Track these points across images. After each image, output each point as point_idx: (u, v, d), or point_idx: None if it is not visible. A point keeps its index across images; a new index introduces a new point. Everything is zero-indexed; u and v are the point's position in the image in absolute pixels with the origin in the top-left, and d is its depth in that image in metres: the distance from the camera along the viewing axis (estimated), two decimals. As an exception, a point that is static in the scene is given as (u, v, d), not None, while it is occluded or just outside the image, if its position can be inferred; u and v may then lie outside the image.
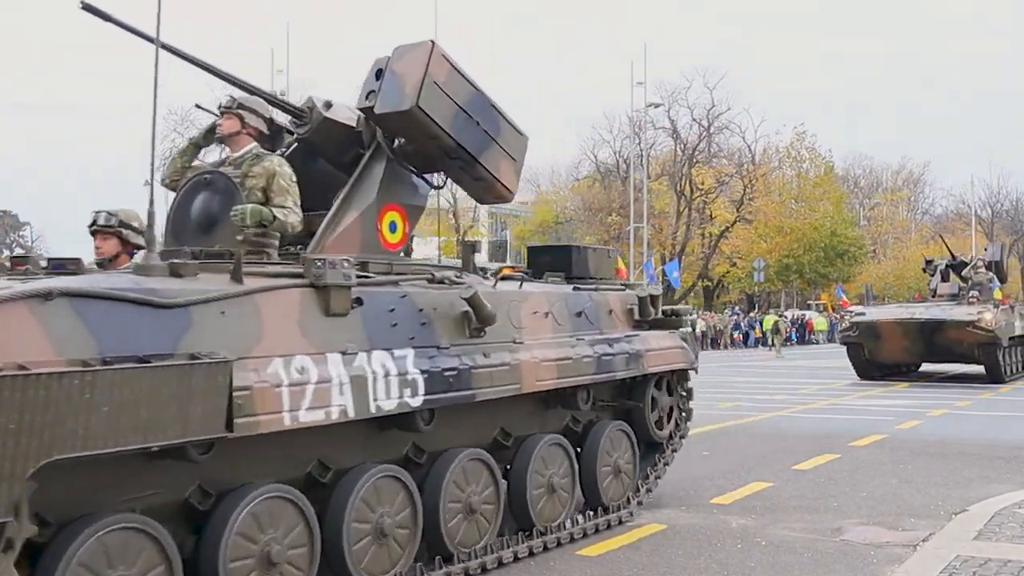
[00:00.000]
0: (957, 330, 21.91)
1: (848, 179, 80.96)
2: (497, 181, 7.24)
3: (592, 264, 8.52)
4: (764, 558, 6.82)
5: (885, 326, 22.96)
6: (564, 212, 72.42)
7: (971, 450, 11.89)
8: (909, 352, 23.37)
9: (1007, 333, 22.76)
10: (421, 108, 6.46)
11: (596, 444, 7.76)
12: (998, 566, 6.24)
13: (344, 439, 5.62)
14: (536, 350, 6.73)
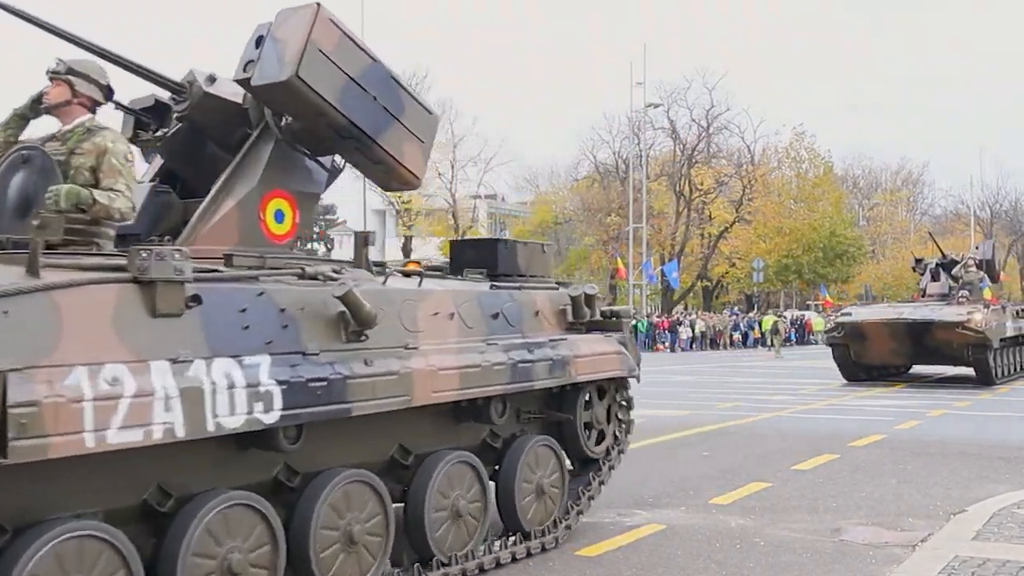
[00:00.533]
0: (946, 331, 21.21)
1: (847, 179, 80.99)
2: (400, 165, 6.47)
3: (522, 259, 7.72)
4: (763, 558, 6.83)
5: (871, 327, 22.21)
6: (563, 212, 72.46)
7: (970, 450, 11.90)
8: (897, 354, 22.68)
9: (998, 334, 22.05)
10: (301, 78, 5.69)
11: (515, 462, 6.90)
12: (996, 566, 6.24)
13: (189, 461, 4.80)
14: (434, 356, 5.87)
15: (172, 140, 6.28)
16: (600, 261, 66.70)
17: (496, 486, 6.87)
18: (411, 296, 6.04)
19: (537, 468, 7.09)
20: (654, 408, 16.95)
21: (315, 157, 6.47)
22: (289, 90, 5.76)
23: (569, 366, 7.05)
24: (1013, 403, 18.28)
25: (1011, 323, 23.51)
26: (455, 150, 61.79)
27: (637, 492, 9.16)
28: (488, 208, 74.89)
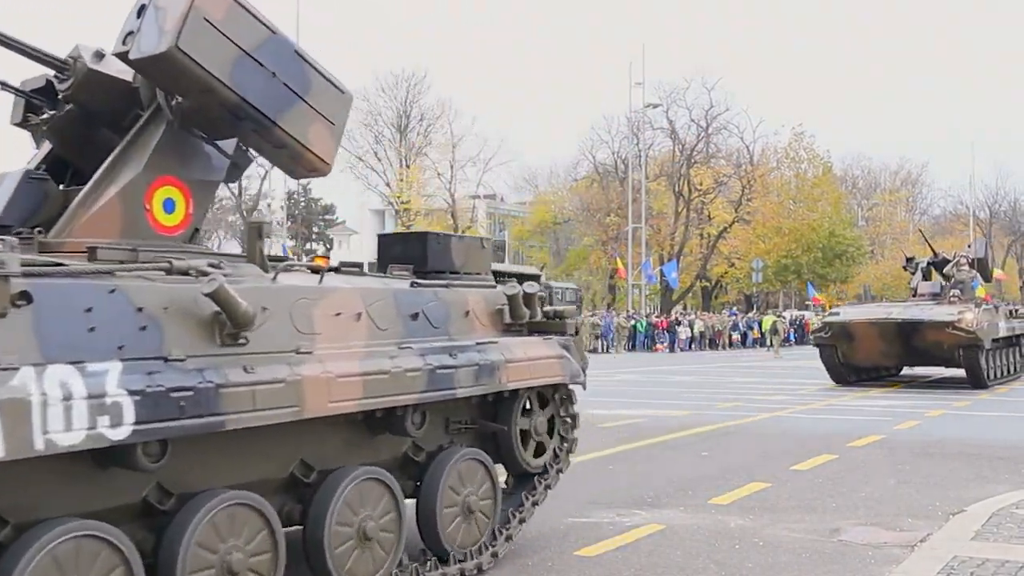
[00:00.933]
0: (936, 331, 20.48)
1: (846, 179, 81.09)
2: (306, 150, 5.80)
3: (458, 255, 7.05)
4: (762, 558, 6.83)
5: (859, 327, 21.42)
6: (562, 212, 72.54)
7: (969, 450, 11.91)
8: (886, 355, 21.98)
9: (989, 334, 21.23)
10: (182, 50, 5.04)
11: (437, 478, 6.22)
12: (995, 566, 6.25)
13: (28, 483, 4.19)
14: (333, 362, 5.23)
15: (59, 123, 5.70)
16: (599, 261, 66.74)
17: (416, 505, 6.21)
18: (307, 294, 5.39)
19: (464, 484, 6.42)
20: (653, 408, 16.98)
21: (213, 141, 5.80)
22: (169, 64, 5.11)
23: (499, 372, 6.39)
24: (1012, 403, 18.29)
25: (1004, 323, 22.79)
26: (454, 150, 61.80)
27: (636, 492, 9.17)
28: (487, 208, 74.95)
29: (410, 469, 6.31)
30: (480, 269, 7.25)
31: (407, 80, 62.34)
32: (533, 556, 6.86)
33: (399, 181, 61.23)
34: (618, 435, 13.25)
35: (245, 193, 64.05)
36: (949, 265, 24.57)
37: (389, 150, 62.53)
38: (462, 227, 62.19)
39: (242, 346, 4.86)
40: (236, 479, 5.08)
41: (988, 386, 21.24)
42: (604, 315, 48.23)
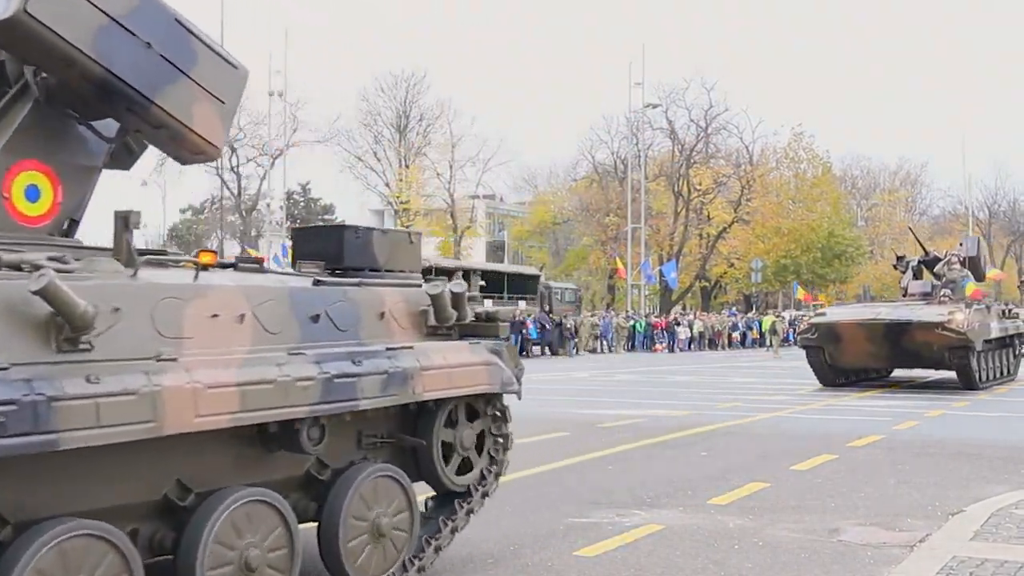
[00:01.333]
0: (925, 332, 19.87)
1: (846, 180, 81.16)
2: (190, 131, 5.19)
3: (381, 251, 6.44)
4: (761, 559, 6.82)
5: (846, 328, 20.79)
6: (562, 212, 72.59)
7: (968, 451, 11.91)
8: (874, 357, 21.35)
9: (981, 335, 20.54)
10: (31, 15, 4.43)
11: (341, 498, 5.53)
12: (995, 567, 6.24)
13: None
14: (203, 370, 4.55)
15: None
16: (599, 261, 66.79)
17: (318, 528, 5.58)
18: (176, 293, 4.74)
19: (374, 504, 5.71)
20: (652, 408, 16.98)
21: (87, 122, 5.20)
22: (18, 30, 4.48)
23: (412, 381, 5.67)
24: (1011, 403, 18.30)
25: (996, 323, 22.10)
26: (453, 150, 61.82)
27: (636, 492, 9.16)
28: (487, 208, 74.98)
29: (314, 488, 5.64)
30: (407, 266, 6.64)
31: (406, 80, 62.41)
32: (533, 556, 6.86)
33: (398, 181, 61.27)
34: (617, 435, 13.25)
35: (244, 193, 64.11)
36: (940, 264, 23.91)
37: (388, 150, 62.61)
38: (461, 227, 62.26)
39: (85, 352, 4.24)
40: (89, 504, 4.44)
41: (980, 388, 20.61)
42: (603, 315, 48.26)
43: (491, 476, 6.77)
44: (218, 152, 5.50)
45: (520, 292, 40.95)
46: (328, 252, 6.22)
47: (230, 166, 63.06)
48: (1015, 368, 24.82)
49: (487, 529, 7.61)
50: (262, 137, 61.69)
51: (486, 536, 7.39)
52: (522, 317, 39.42)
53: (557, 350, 41.53)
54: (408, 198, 60.41)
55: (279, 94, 58.07)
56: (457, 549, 6.98)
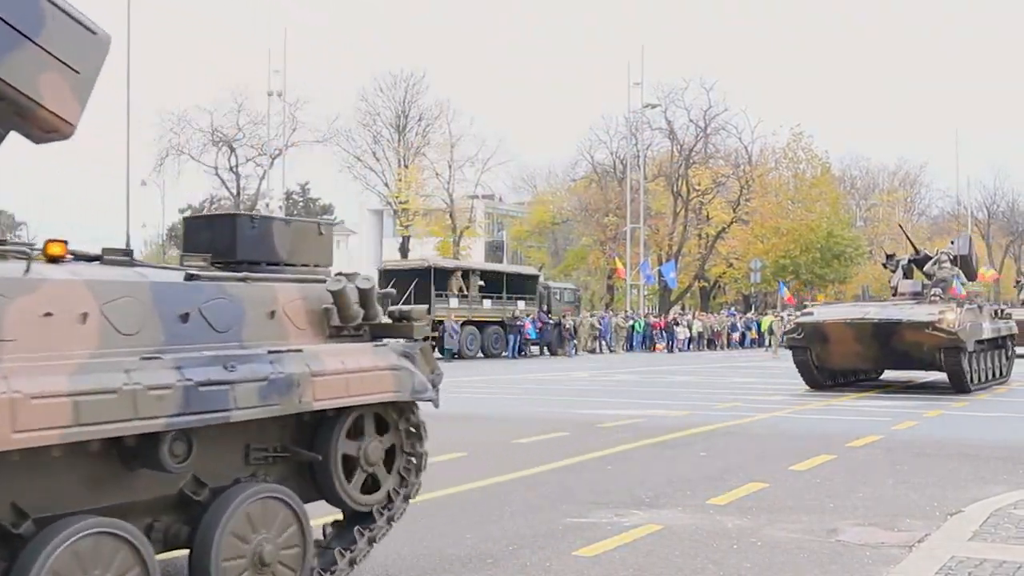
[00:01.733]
0: (915, 332, 19.16)
1: (845, 180, 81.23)
2: (38, 105, 4.54)
3: (281, 243, 5.81)
4: (760, 559, 6.83)
5: (833, 328, 19.98)
6: (561, 212, 72.63)
7: (967, 451, 11.91)
8: (863, 358, 20.57)
9: (972, 336, 19.75)
10: None
11: (215, 523, 4.85)
12: (993, 567, 6.24)
13: None
14: (25, 378, 3.89)
15: None
16: (598, 261, 66.82)
17: (190, 556, 4.88)
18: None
19: (257, 529, 5.02)
20: (652, 408, 16.98)
21: None
22: None
23: (299, 388, 5.00)
24: (1010, 404, 18.32)
25: (988, 324, 21.32)
26: (453, 150, 61.83)
27: (634, 492, 9.16)
28: (486, 208, 74.97)
29: (190, 510, 4.94)
30: (316, 260, 6.02)
31: (405, 80, 62.41)
32: (531, 556, 6.86)
33: (397, 181, 61.25)
34: (616, 435, 13.25)
35: (243, 193, 64.11)
36: (930, 263, 23.27)
37: (387, 150, 62.59)
38: (460, 227, 62.26)
39: None
40: None
41: (971, 391, 19.88)
42: (602, 315, 48.27)
43: (399, 498, 6.04)
44: (72, 129, 4.76)
45: (519, 292, 40.97)
46: (220, 244, 5.62)
47: (229, 166, 63.14)
48: (1008, 370, 24.06)
49: (486, 529, 7.62)
50: (261, 137, 61.77)
51: (485, 536, 7.40)
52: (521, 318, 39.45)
53: (556, 350, 41.56)
54: (407, 198, 60.41)
55: (278, 94, 58.10)
56: (456, 549, 7.00)
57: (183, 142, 61.55)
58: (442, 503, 8.62)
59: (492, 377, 26.52)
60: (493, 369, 30.62)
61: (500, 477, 9.96)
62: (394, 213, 63.84)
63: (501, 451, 11.83)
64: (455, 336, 36.06)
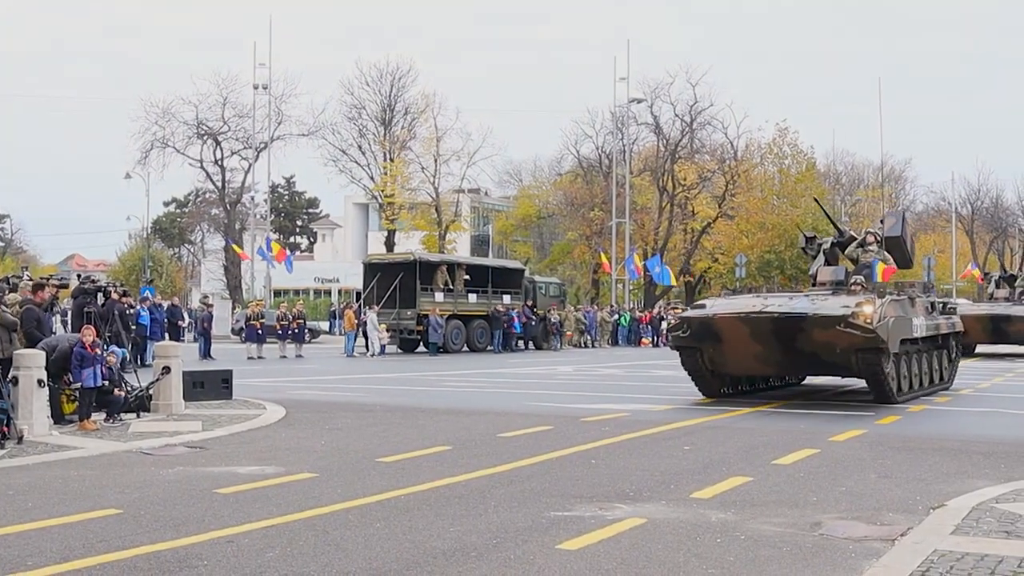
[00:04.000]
0: (824, 330, 15.67)
1: (830, 175, 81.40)
2: None
3: None
4: (743, 552, 6.84)
5: (725, 324, 16.41)
6: (546, 207, 72.64)
7: (950, 445, 11.96)
8: (763, 361, 16.82)
9: (898, 334, 16.28)
10: None
11: None
12: (975, 560, 6.28)
13: None
14: None
15: None
16: (583, 255, 66.84)
17: None
18: None
19: None
20: (636, 403, 17.00)
21: None
22: None
23: None
24: (993, 399, 18.39)
25: (922, 319, 17.74)
26: (438, 144, 61.72)
27: (618, 486, 9.17)
28: (471, 202, 74.90)
29: None
30: None
31: (391, 73, 62.27)
32: (515, 550, 6.85)
33: (383, 175, 61.14)
34: (601, 429, 13.26)
35: (228, 186, 63.86)
36: (853, 245, 19.63)
37: (373, 144, 62.45)
38: (446, 221, 62.20)
39: None
40: None
41: (896, 401, 16.56)
42: (587, 310, 48.30)
43: None
44: None
45: (504, 286, 40.98)
46: None
47: (214, 159, 62.88)
48: (951, 375, 20.29)
49: (470, 522, 7.61)
50: (246, 130, 61.53)
51: (469, 529, 7.39)
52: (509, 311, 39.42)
53: (541, 344, 41.58)
54: (393, 192, 60.30)
55: (263, 87, 57.87)
56: (439, 543, 6.99)
57: (168, 135, 61.32)
58: (426, 497, 8.62)
59: (477, 371, 26.51)
60: (478, 363, 30.61)
61: (484, 471, 9.95)
62: (380, 207, 63.75)
63: (486, 445, 11.82)
64: (439, 330, 36.04)
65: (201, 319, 32.95)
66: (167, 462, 10.59)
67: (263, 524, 7.54)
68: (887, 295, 16.73)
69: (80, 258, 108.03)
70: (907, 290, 18.30)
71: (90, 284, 17.52)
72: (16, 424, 11.60)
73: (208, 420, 13.88)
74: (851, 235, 20.20)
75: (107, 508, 8.11)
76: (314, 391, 19.50)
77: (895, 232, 20.06)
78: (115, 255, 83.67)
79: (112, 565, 6.38)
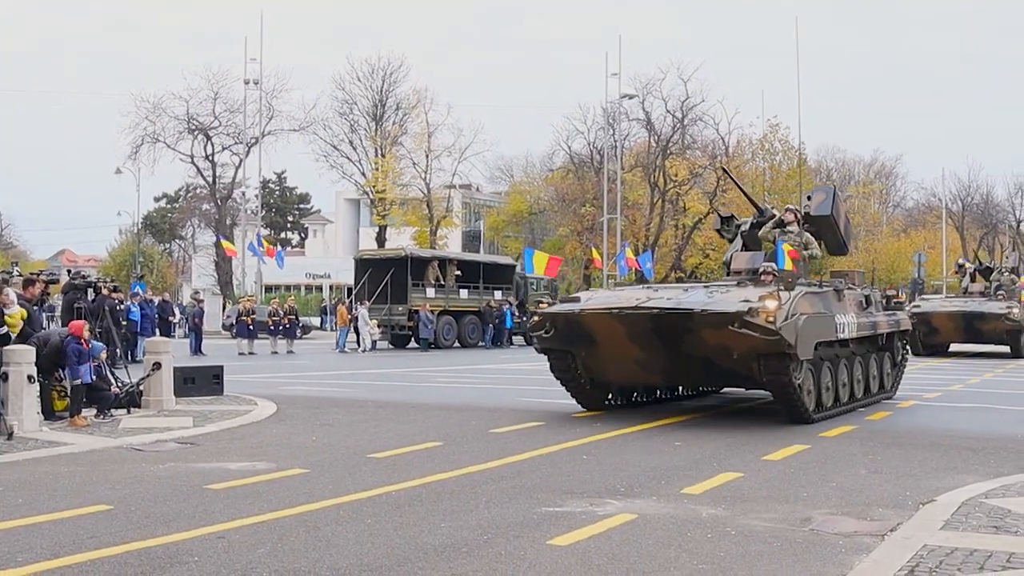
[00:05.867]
0: (716, 330, 12.45)
1: (820, 171, 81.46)
2: None
3: None
4: (734, 548, 6.85)
5: (598, 322, 13.19)
6: (538, 203, 72.66)
7: (940, 441, 12.00)
8: (646, 368, 13.53)
9: (813, 335, 12.89)
10: None
11: None
12: (964, 555, 6.30)
13: None
14: None
15: None
16: (574, 251, 66.84)
17: None
18: None
19: None
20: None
21: None
22: None
23: None
24: (983, 395, 18.43)
25: (851, 317, 14.43)
26: (430, 139, 61.67)
27: (609, 481, 9.18)
28: (463, 198, 74.86)
29: None
30: None
31: (383, 69, 62.18)
32: (506, 545, 6.86)
33: (374, 170, 61.07)
34: (591, 425, 13.27)
35: (219, 181, 63.71)
36: (768, 225, 16.08)
37: (364, 139, 62.36)
38: (437, 217, 62.16)
39: None
40: None
41: (813, 419, 13.21)
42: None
43: None
44: None
45: (496, 282, 40.99)
46: None
47: (205, 154, 62.72)
48: (894, 381, 17.13)
49: (461, 518, 7.62)
50: (237, 125, 61.36)
51: (460, 525, 7.39)
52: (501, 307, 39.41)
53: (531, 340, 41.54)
54: (384, 187, 60.24)
55: (254, 82, 57.73)
56: (430, 538, 6.99)
57: (159, 130, 61.12)
58: (417, 492, 8.62)
59: (468, 367, 26.51)
60: (470, 359, 30.60)
61: (475, 467, 9.96)
62: (371, 202, 63.64)
63: (477, 441, 11.83)
64: (429, 326, 36.04)
65: (192, 315, 32.91)
66: (158, 458, 10.58)
67: (254, 520, 7.54)
68: (801, 287, 13.41)
69: (70, 253, 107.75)
70: (834, 281, 15.02)
71: (80, 280, 17.48)
72: (6, 420, 11.57)
73: (199, 416, 13.86)
74: (772, 214, 16.59)
75: (97, 504, 8.10)
76: (305, 387, 19.49)
77: (823, 210, 16.60)
78: (105, 251, 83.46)
79: (102, 561, 6.37)
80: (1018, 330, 29.93)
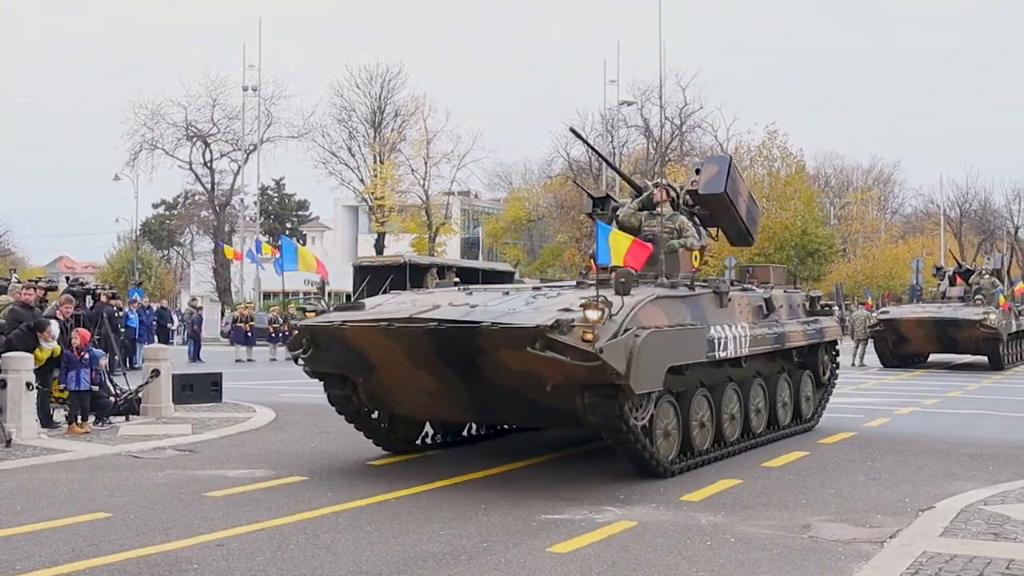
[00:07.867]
0: (514, 352, 8.88)
1: (819, 178, 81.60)
2: None
3: None
4: (733, 555, 6.85)
5: (365, 338, 9.62)
6: (536, 209, 72.71)
7: (938, 448, 12.00)
8: (443, 400, 10.02)
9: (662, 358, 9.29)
10: None
11: None
12: (963, 562, 6.31)
13: None
14: None
15: None
16: (573, 258, 66.84)
17: None
18: None
19: None
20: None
21: None
22: None
23: None
24: (981, 401, 18.43)
25: (740, 329, 11.08)
26: (428, 146, 61.71)
27: (608, 489, 9.18)
28: (461, 205, 74.91)
29: None
30: None
31: (381, 76, 62.24)
32: (506, 552, 6.86)
33: (373, 177, 61.08)
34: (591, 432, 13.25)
35: (218, 188, 63.73)
36: (624, 208, 12.43)
37: (363, 146, 62.38)
38: (436, 224, 62.19)
39: None
40: None
41: (669, 472, 9.76)
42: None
43: None
44: None
45: (494, 289, 40.94)
46: None
47: (203, 161, 62.71)
48: (817, 406, 13.79)
49: (460, 525, 7.62)
50: (236, 132, 61.38)
51: (459, 532, 7.39)
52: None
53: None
54: (383, 194, 60.24)
55: (253, 89, 57.78)
56: (430, 546, 6.99)
57: (157, 137, 61.10)
58: (417, 500, 8.62)
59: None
60: (468, 366, 30.54)
61: (474, 474, 9.95)
62: (369, 209, 63.60)
63: (476, 448, 11.82)
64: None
65: (190, 322, 32.86)
66: (156, 465, 10.57)
67: (253, 528, 7.53)
68: (649, 290, 10.06)
69: (68, 260, 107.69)
70: (714, 281, 11.76)
71: (79, 287, 17.44)
72: (5, 427, 11.56)
73: (197, 423, 13.85)
74: (649, 195, 12.35)
75: (96, 512, 8.09)
76: (304, 394, 19.45)
77: (715, 188, 12.56)
78: (104, 257, 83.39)
79: (101, 569, 6.37)
80: (996, 338, 26.19)
